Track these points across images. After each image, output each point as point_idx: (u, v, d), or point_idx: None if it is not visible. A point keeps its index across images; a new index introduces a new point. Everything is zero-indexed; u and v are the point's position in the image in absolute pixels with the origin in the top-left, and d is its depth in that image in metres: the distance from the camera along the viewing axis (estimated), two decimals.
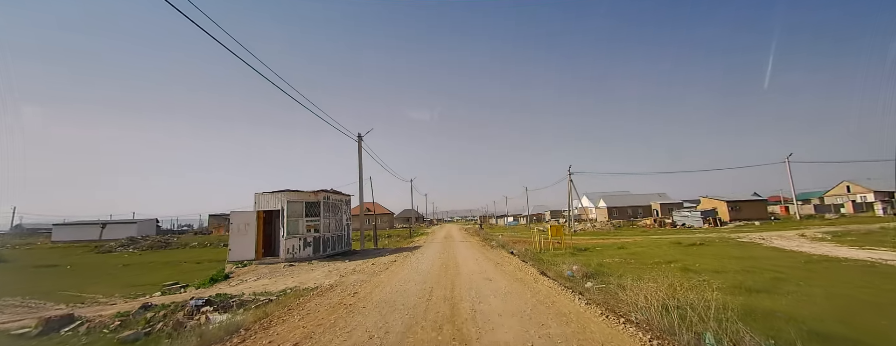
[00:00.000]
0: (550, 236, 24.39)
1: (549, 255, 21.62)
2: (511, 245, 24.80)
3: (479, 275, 9.79)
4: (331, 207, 17.77)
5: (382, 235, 47.12)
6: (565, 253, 22.15)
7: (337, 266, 13.98)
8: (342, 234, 18.90)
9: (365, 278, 10.29)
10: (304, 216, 16.29)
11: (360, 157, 22.87)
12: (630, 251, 22.59)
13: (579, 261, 18.49)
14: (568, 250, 23.85)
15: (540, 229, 25.79)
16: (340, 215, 18.95)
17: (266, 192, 16.11)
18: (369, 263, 14.16)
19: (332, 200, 17.96)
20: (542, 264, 15.82)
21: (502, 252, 16.30)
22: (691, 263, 17.19)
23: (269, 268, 14.69)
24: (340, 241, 18.74)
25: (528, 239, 36.45)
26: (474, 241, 24.28)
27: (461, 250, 17.85)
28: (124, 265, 24.00)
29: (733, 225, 44.87)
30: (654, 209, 71.02)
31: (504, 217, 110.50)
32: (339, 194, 18.74)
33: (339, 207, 18.72)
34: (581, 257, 21.42)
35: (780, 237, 27.76)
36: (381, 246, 24.11)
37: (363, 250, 20.37)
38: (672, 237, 32.46)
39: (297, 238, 15.96)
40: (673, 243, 25.81)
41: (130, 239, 45.94)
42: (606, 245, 27.12)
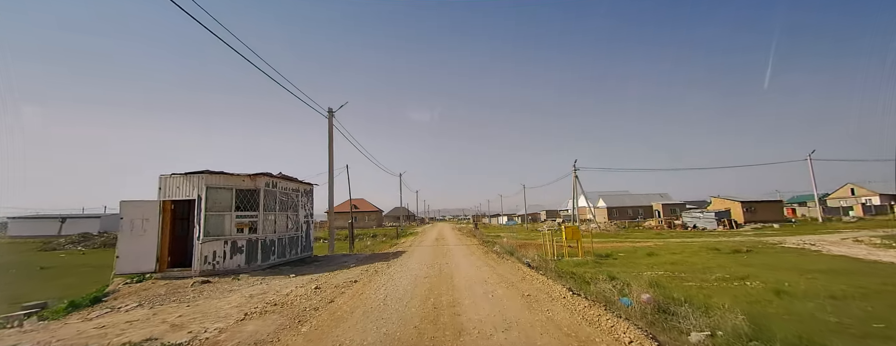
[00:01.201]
0: (565, 238, 19.53)
1: (568, 264, 16.77)
2: (519, 250, 19.88)
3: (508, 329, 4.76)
4: (278, 198, 12.66)
5: (367, 234, 41.98)
6: (588, 262, 17.30)
7: (269, 287, 8.91)
8: (297, 235, 13.79)
9: (280, 324, 5.25)
10: (234, 210, 11.18)
11: (330, 136, 17.82)
12: (666, 260, 17.83)
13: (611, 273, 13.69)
14: (589, 256, 19.01)
15: (551, 230, 20.83)
16: (296, 210, 13.85)
17: (176, 174, 10.97)
18: (319, 281, 9.08)
19: (280, 188, 12.84)
20: (577, 282, 10.93)
21: (516, 264, 11.33)
22: (769, 279, 12.45)
23: (171, 286, 9.61)
24: (294, 244, 13.64)
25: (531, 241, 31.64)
26: (472, 245, 19.23)
27: (458, 258, 12.82)
28: (42, 268, 18.80)
29: (749, 227, 40.53)
30: (656, 210, 66.76)
31: (497, 217, 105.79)
32: (293, 180, 13.63)
33: (291, 198, 13.61)
34: (609, 267, 16.58)
35: (830, 243, 23.25)
36: (356, 250, 19.01)
37: (329, 256, 15.25)
38: (697, 241, 27.82)
39: (222, 241, 10.84)
40: (709, 250, 21.10)
41: (83, 235, 40.23)
42: (627, 250, 22.36)
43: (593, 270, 15.23)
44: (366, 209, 68.03)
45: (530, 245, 25.64)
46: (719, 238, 30.21)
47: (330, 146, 17.78)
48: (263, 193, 11.83)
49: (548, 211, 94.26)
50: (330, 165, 17.70)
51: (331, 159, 17.72)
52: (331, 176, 17.66)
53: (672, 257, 18.91)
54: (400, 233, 40.22)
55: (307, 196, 14.88)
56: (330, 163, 17.71)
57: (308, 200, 14.92)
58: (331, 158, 17.72)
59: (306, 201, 14.75)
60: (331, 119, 17.97)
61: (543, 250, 20.05)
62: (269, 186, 12.15)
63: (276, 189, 12.59)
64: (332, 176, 17.67)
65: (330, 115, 18.01)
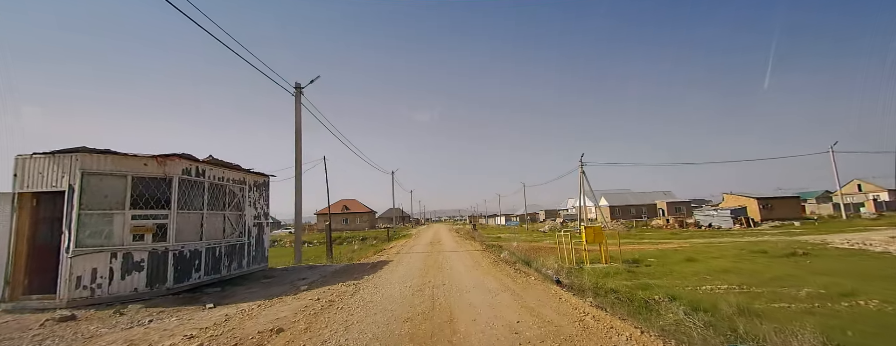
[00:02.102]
0: (586, 242, 15.97)
1: (596, 273, 13.21)
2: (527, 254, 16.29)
3: None
4: (207, 191, 8.98)
5: (356, 237, 38.26)
6: (619, 271, 13.75)
7: (146, 336, 5.28)
8: (240, 242, 10.10)
9: None
10: (130, 207, 7.51)
11: (297, 118, 14.15)
12: (712, 267, 14.32)
13: (665, 289, 10.23)
14: (615, 263, 15.47)
15: (566, 232, 17.28)
16: (239, 209, 10.18)
17: (38, 153, 7.29)
18: (231, 322, 5.39)
19: (211, 178, 9.18)
20: (633, 307, 7.35)
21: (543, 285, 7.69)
22: (888, 296, 8.96)
23: (6, 328, 6.02)
24: (236, 255, 9.95)
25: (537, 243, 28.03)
26: (474, 251, 15.54)
27: (458, 273, 9.11)
28: None
29: (768, 226, 37.27)
30: (660, 208, 63.57)
31: (495, 217, 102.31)
32: (233, 168, 9.96)
33: (232, 192, 9.94)
34: (646, 277, 13.04)
35: (883, 242, 19.89)
36: (335, 258, 15.29)
37: (289, 269, 11.53)
38: (725, 242, 24.39)
39: (107, 254, 7.18)
40: (752, 253, 17.63)
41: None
42: (653, 254, 18.85)
43: (632, 283, 11.69)
44: (357, 210, 64.20)
45: (540, 249, 22.09)
46: (745, 238, 26.84)
47: (297, 130, 14.11)
48: (179, 183, 8.15)
49: (546, 211, 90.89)
50: (297, 154, 14.03)
51: (298, 147, 14.06)
52: (298, 167, 13.99)
53: (716, 263, 15.42)
54: (391, 235, 36.52)
55: (259, 191, 11.20)
56: (297, 151, 14.05)
57: (260, 195, 11.24)
58: (298, 145, 14.05)
59: (257, 197, 11.07)
60: (298, 97, 14.31)
61: (560, 256, 16.50)
62: (189, 173, 8.46)
63: (204, 179, 8.90)
64: (299, 167, 14.01)
65: (297, 91, 14.35)
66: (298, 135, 14.06)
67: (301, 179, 14.02)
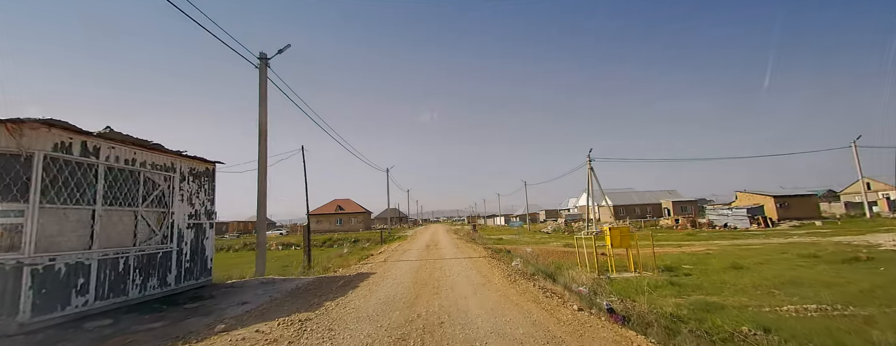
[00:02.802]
0: (610, 245, 13.29)
1: (631, 286, 10.55)
2: (541, 260, 13.59)
3: None
4: (100, 179, 6.23)
5: (347, 239, 35.44)
6: (659, 283, 11.05)
7: None
8: (161, 251, 7.35)
9: None
10: None
11: (261, 94, 11.41)
12: (768, 276, 11.68)
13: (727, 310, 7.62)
14: (648, 271, 12.82)
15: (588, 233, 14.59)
16: (163, 205, 7.46)
17: None
18: None
19: (111, 161, 6.44)
20: None
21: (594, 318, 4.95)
22: None
23: None
24: (155, 269, 7.21)
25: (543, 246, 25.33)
26: (478, 258, 12.75)
27: (464, 296, 6.26)
28: None
29: (787, 225, 34.75)
30: (665, 208, 61.08)
31: (494, 217, 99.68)
32: (151, 149, 7.21)
33: (144, 181, 7.21)
34: (695, 291, 10.38)
35: None
36: (307, 270, 12.54)
37: (241, 284, 8.74)
38: (754, 244, 21.79)
39: None
40: (806, 258, 15.00)
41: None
42: (685, 260, 16.21)
43: (685, 300, 9.02)
44: (352, 211, 61.30)
45: (551, 253, 19.42)
46: (773, 239, 24.28)
47: (261, 108, 11.38)
48: (47, 163, 5.42)
49: (547, 211, 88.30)
50: (261, 138, 11.29)
51: (262, 129, 11.31)
52: (262, 153, 11.23)
53: (769, 270, 12.79)
54: (386, 237, 33.76)
55: (199, 182, 8.47)
56: (261, 134, 11.30)
57: (201, 188, 8.50)
58: (262, 127, 11.30)
59: (195, 190, 8.33)
60: (263, 70, 11.57)
61: (579, 263, 13.83)
62: (67, 150, 5.73)
63: (97, 161, 6.17)
64: (263, 153, 11.25)
65: (262, 63, 11.61)
66: (263, 115, 11.32)
67: (266, 168, 11.26)
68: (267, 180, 11.31)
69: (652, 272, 12.53)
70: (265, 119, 11.49)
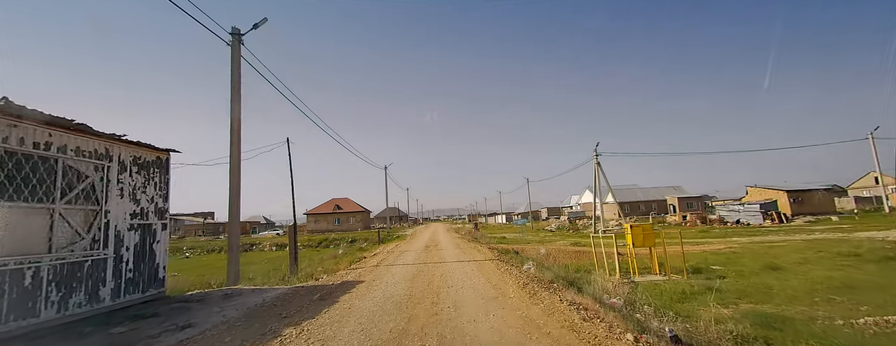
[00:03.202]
0: (632, 244, 11.78)
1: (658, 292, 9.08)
2: (548, 261, 12.10)
3: None
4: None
5: (344, 239, 33.94)
6: (695, 289, 9.54)
7: None
8: (90, 259, 5.86)
9: None
10: None
11: (233, 75, 9.90)
12: (815, 279, 10.18)
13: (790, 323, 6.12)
14: (674, 274, 11.33)
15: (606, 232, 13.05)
16: (96, 200, 5.95)
17: None
18: None
19: (4, 142, 4.89)
20: None
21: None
22: None
23: None
24: (81, 281, 5.71)
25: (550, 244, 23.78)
26: (484, 260, 11.16)
27: (474, 316, 4.76)
28: None
29: (802, 221, 33.23)
30: (671, 204, 59.58)
31: (495, 216, 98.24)
32: (74, 130, 5.68)
33: (65, 171, 5.69)
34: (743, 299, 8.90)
35: None
36: (289, 278, 10.97)
37: (191, 299, 7.19)
38: (776, 241, 20.28)
39: None
40: (845, 256, 13.49)
41: None
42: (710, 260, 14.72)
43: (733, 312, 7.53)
44: (350, 210, 59.77)
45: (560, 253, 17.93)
46: (796, 235, 22.77)
47: (234, 94, 9.86)
48: None
49: (549, 208, 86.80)
50: (234, 124, 9.77)
51: (235, 113, 9.80)
52: (234, 143, 9.71)
53: (813, 272, 11.28)
54: (384, 237, 32.26)
55: (146, 174, 6.96)
56: (233, 120, 9.78)
57: (148, 181, 6.99)
58: (235, 111, 9.79)
59: (141, 184, 6.82)
60: (236, 47, 10.06)
61: (596, 264, 12.34)
62: None
63: None
64: (236, 145, 9.73)
65: (235, 40, 10.09)
66: (236, 103, 9.80)
67: (238, 161, 9.73)
68: (240, 174, 9.79)
69: (681, 275, 11.03)
70: (238, 107, 9.97)
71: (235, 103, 9.88)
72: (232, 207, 9.53)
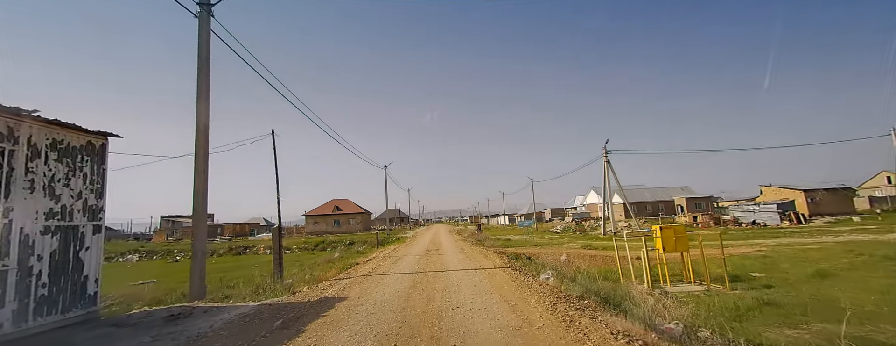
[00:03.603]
0: (663, 248, 10.25)
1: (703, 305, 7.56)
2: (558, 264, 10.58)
3: None
4: None
5: (342, 242, 32.47)
6: (747, 302, 8.01)
7: None
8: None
9: None
10: None
11: (202, 45, 8.46)
12: (877, 288, 8.67)
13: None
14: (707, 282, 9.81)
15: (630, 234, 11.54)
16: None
17: None
18: None
19: None
20: None
21: None
22: None
23: None
24: None
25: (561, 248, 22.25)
26: (495, 268, 9.52)
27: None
28: None
29: (821, 221, 31.62)
30: (679, 205, 57.91)
31: (497, 217, 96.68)
32: None
33: None
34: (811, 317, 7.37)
35: None
36: (269, 289, 9.44)
37: (126, 322, 5.69)
38: (809, 243, 18.71)
39: None
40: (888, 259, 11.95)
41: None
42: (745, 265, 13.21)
43: (804, 334, 6.03)
44: (350, 211, 58.27)
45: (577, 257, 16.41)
46: (823, 237, 21.20)
47: (201, 76, 8.42)
48: None
49: (552, 210, 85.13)
50: (199, 116, 8.32)
51: (202, 88, 8.35)
52: (201, 130, 8.27)
53: (865, 279, 9.76)
54: (383, 239, 30.78)
55: (70, 163, 5.52)
56: (199, 108, 8.34)
57: (74, 172, 5.54)
58: (202, 95, 8.35)
59: (63, 175, 5.38)
60: (205, 21, 8.62)
61: (621, 270, 10.83)
62: None
63: None
64: (204, 121, 8.28)
65: (203, 11, 8.66)
66: (204, 81, 8.35)
67: (206, 153, 8.27)
68: (208, 172, 8.32)
69: (721, 284, 9.52)
70: (207, 91, 8.50)
71: (203, 88, 8.42)
72: (197, 209, 8.08)
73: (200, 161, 8.24)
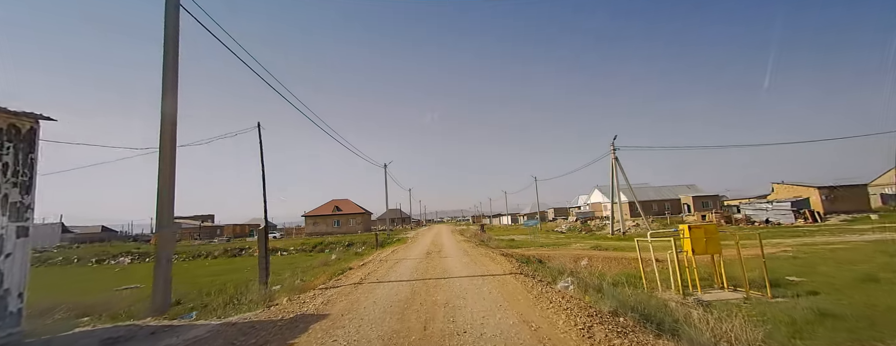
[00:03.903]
0: (693, 250, 9.16)
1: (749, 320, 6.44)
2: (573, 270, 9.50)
3: None
4: None
5: (341, 243, 31.41)
6: (810, 317, 6.91)
7: None
8: None
9: None
10: None
11: (169, 25, 7.42)
12: None
13: None
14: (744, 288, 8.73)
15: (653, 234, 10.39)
16: None
17: None
18: None
19: None
20: None
21: None
22: None
23: None
24: None
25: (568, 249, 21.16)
26: (505, 274, 8.29)
27: None
28: None
29: (837, 219, 30.42)
30: (685, 204, 56.77)
31: (499, 217, 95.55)
32: None
33: None
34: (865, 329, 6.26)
35: None
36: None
37: None
38: (836, 242, 17.57)
39: None
40: None
41: None
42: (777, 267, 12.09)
43: None
44: (350, 212, 57.24)
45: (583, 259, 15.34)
46: (848, 236, 20.07)
47: (167, 49, 7.37)
48: None
49: (556, 209, 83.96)
50: (166, 96, 7.27)
51: (168, 79, 7.30)
52: (166, 118, 7.23)
53: None
54: (383, 240, 29.73)
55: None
56: (166, 90, 7.29)
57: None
58: (169, 78, 7.30)
59: None
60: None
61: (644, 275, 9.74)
62: None
63: None
64: (169, 119, 7.24)
65: None
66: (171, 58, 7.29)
67: (174, 140, 7.21)
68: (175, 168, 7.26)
69: (761, 292, 8.42)
70: (174, 80, 7.43)
71: (170, 77, 7.33)
72: (162, 210, 7.01)
73: (166, 159, 7.17)
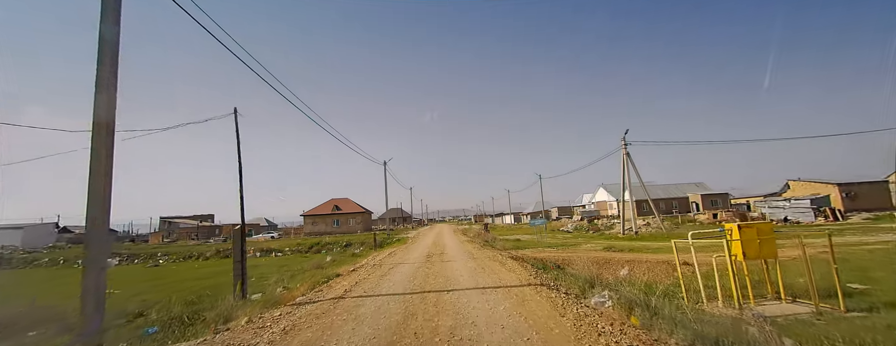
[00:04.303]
0: (743, 254, 7.69)
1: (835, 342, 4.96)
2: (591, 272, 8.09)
3: None
4: None
5: (339, 243, 30.02)
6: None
7: None
8: None
9: None
10: None
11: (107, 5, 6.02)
12: None
13: None
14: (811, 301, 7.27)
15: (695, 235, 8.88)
16: None
17: None
18: None
19: None
20: None
21: None
22: None
23: None
24: None
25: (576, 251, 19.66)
26: (523, 286, 6.95)
27: None
28: None
29: (859, 218, 28.87)
30: (693, 202, 55.23)
31: (502, 216, 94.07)
32: None
33: None
34: None
35: None
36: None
37: None
38: (873, 242, 16.12)
39: None
40: None
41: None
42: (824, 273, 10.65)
43: None
44: (350, 211, 55.85)
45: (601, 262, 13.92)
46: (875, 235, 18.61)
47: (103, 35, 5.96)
48: None
49: (559, 208, 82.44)
50: (99, 94, 5.88)
51: (103, 76, 5.90)
52: (99, 119, 5.83)
53: None
54: (383, 240, 28.34)
55: None
56: (99, 87, 5.90)
57: None
58: (104, 75, 5.91)
59: None
60: None
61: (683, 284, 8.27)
62: None
63: None
64: (103, 120, 5.85)
65: None
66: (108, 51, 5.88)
67: (111, 143, 5.79)
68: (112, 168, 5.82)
69: (831, 305, 6.98)
70: (113, 76, 5.98)
71: (106, 73, 5.88)
72: (93, 215, 5.56)
73: (101, 162, 5.71)
